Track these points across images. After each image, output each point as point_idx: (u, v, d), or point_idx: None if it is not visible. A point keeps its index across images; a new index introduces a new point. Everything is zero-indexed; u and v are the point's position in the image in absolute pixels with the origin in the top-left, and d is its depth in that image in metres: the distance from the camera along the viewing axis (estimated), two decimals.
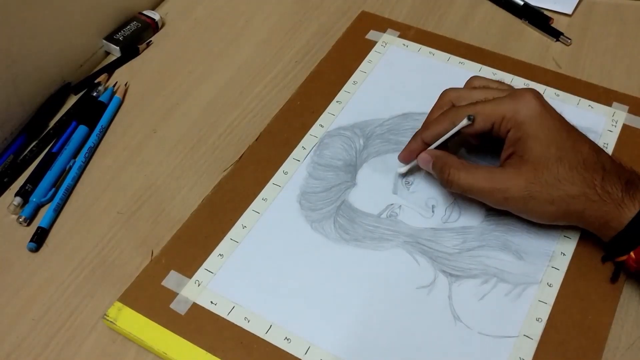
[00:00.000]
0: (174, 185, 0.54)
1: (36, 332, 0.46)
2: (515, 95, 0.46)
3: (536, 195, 0.44)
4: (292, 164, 0.54)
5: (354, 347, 0.44)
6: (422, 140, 0.49)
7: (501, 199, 0.45)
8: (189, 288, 0.47)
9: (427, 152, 0.49)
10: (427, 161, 0.49)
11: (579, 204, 0.44)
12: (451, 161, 0.47)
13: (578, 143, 0.45)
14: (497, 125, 0.46)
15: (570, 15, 0.66)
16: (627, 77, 0.60)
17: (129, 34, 0.66)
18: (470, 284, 0.46)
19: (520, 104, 0.45)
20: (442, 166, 0.47)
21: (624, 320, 0.45)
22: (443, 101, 0.50)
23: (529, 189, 0.44)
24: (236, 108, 0.60)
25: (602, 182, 0.43)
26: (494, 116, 0.46)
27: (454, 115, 0.47)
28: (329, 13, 0.68)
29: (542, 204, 0.44)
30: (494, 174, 0.46)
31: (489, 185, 0.45)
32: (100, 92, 0.61)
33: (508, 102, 0.46)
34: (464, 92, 0.50)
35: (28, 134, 0.58)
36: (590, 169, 0.44)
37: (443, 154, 0.48)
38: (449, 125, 0.47)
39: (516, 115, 0.45)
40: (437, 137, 0.48)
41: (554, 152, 0.44)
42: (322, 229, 0.50)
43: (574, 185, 0.43)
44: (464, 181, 0.46)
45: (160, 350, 0.44)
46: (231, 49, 0.66)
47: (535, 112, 0.45)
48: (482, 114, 0.46)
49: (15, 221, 0.52)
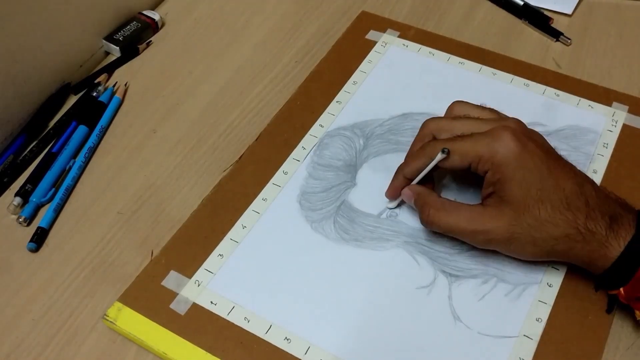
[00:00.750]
0: (174, 185, 0.54)
1: (36, 332, 0.46)
2: (493, 134, 0.44)
3: (518, 237, 0.43)
4: (292, 164, 0.54)
5: (354, 347, 0.44)
6: (404, 177, 0.48)
7: (483, 240, 0.44)
8: (188, 288, 0.47)
9: (409, 188, 0.48)
10: (409, 197, 0.48)
11: (563, 244, 0.42)
12: (431, 200, 0.46)
13: (560, 180, 0.43)
14: (474, 164, 0.44)
15: (570, 15, 0.66)
16: (627, 77, 0.60)
17: (129, 34, 0.66)
18: (470, 284, 0.46)
19: (497, 144, 0.43)
20: (423, 205, 0.46)
21: (624, 320, 0.45)
22: (424, 132, 0.49)
23: (511, 231, 0.43)
24: (236, 108, 0.60)
25: (586, 221, 0.42)
26: (470, 156, 0.44)
27: (431, 150, 0.46)
28: (329, 13, 0.68)
29: (525, 245, 0.43)
30: (474, 214, 0.44)
31: (470, 228, 0.44)
32: (100, 92, 0.61)
33: (485, 141, 0.44)
34: (445, 122, 0.48)
35: (28, 134, 0.58)
36: (573, 208, 0.42)
37: (423, 192, 0.47)
38: (427, 159, 0.46)
39: (493, 157, 0.43)
40: (417, 172, 0.47)
41: (534, 194, 0.42)
42: (322, 229, 0.50)
43: (557, 227, 0.42)
44: (444, 222, 0.45)
45: (160, 350, 0.44)
46: (231, 49, 0.66)
47: (513, 154, 0.43)
48: (459, 152, 0.45)
49: (15, 221, 0.52)
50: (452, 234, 0.46)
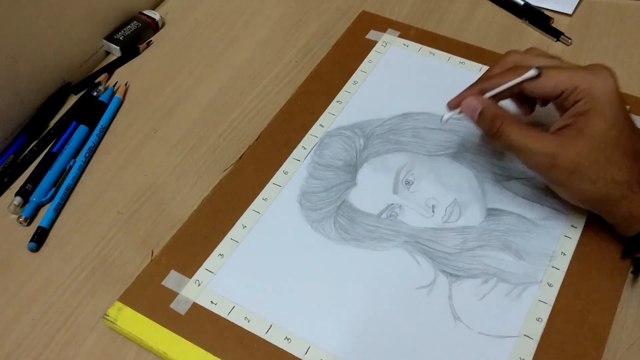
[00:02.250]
0: (174, 185, 0.54)
1: (36, 332, 0.46)
2: (592, 68, 0.44)
3: (582, 170, 0.43)
4: (293, 164, 0.54)
5: (354, 347, 0.44)
6: (480, 90, 0.47)
7: (547, 164, 0.44)
8: (189, 288, 0.47)
9: (477, 99, 0.46)
10: (474, 108, 0.46)
11: (619, 190, 0.43)
12: (504, 113, 0.45)
13: (635, 134, 0.44)
14: (567, 93, 0.44)
15: (570, 15, 0.66)
16: (627, 77, 0.60)
17: (129, 33, 0.66)
18: (470, 284, 0.46)
19: (597, 78, 0.44)
20: (494, 117, 0.45)
21: (624, 320, 0.45)
22: (506, 61, 0.48)
23: (578, 162, 0.43)
24: (236, 108, 0.60)
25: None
26: (567, 83, 0.44)
27: (523, 70, 0.45)
28: (329, 13, 0.68)
29: (585, 181, 0.43)
30: (546, 137, 0.44)
31: (539, 148, 0.44)
32: (101, 92, 0.61)
33: (585, 74, 0.44)
34: (530, 56, 0.48)
35: (28, 133, 0.58)
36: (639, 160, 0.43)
37: (494, 104, 0.46)
38: (514, 78, 0.45)
39: (591, 88, 0.43)
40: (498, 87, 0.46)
41: (614, 134, 0.43)
42: (322, 228, 0.50)
43: (621, 171, 0.43)
44: (514, 136, 0.44)
45: (160, 350, 0.44)
46: (231, 49, 0.66)
47: (610, 90, 0.43)
48: (555, 78, 0.44)
49: (15, 221, 0.52)
50: (517, 151, 0.45)
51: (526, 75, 0.44)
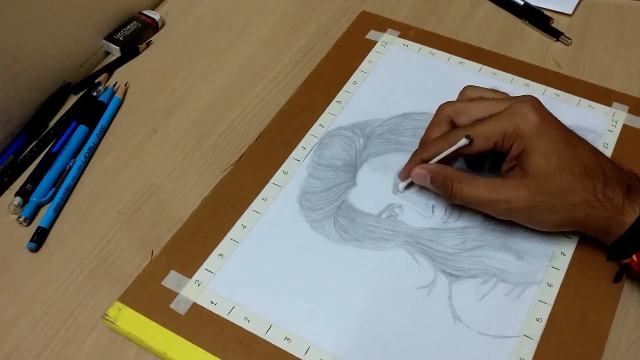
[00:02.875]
0: (174, 185, 0.54)
1: (36, 332, 0.46)
2: (512, 110, 0.46)
3: (539, 205, 0.44)
4: (292, 164, 0.54)
5: (354, 347, 0.44)
6: (422, 160, 0.49)
7: (505, 209, 0.45)
8: (189, 288, 0.47)
9: (422, 167, 0.49)
10: (423, 176, 0.48)
11: (582, 211, 0.44)
12: (451, 174, 0.47)
13: (578, 150, 0.45)
14: (499, 143, 0.46)
15: (570, 15, 0.66)
16: (627, 77, 0.60)
17: (129, 33, 0.66)
18: (470, 284, 0.46)
19: (519, 118, 0.45)
20: (444, 180, 0.47)
21: (624, 320, 0.45)
22: (440, 117, 0.50)
23: (532, 200, 0.44)
24: (236, 108, 0.60)
25: (604, 188, 0.43)
26: (495, 136, 0.46)
27: (454, 138, 0.47)
28: (329, 13, 0.68)
29: (546, 213, 0.45)
30: (496, 185, 0.46)
31: (492, 197, 0.45)
32: (100, 92, 0.61)
33: (506, 117, 0.45)
34: (461, 105, 0.49)
35: (28, 133, 0.58)
36: (591, 176, 0.44)
37: (441, 167, 0.48)
38: (448, 146, 0.47)
39: (517, 130, 0.45)
40: (436, 156, 0.48)
41: (555, 162, 0.44)
42: (322, 229, 0.50)
43: (577, 193, 0.43)
44: (467, 192, 0.46)
45: (160, 350, 0.44)
46: (231, 49, 0.66)
47: (534, 125, 0.44)
48: (483, 136, 0.46)
49: (15, 221, 0.52)
50: (474, 204, 0.47)
51: (459, 144, 0.46)
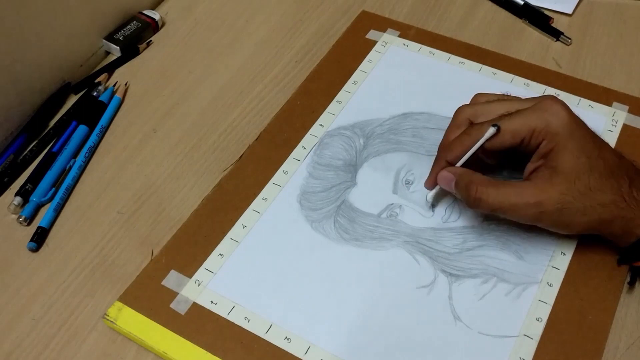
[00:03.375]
0: (174, 185, 0.54)
1: (36, 331, 0.46)
2: (542, 107, 0.45)
3: (569, 207, 0.43)
4: (292, 164, 0.54)
5: (354, 347, 0.44)
6: (447, 162, 0.47)
7: (535, 213, 0.43)
8: (189, 288, 0.47)
9: (448, 170, 0.47)
10: (449, 180, 0.47)
11: (609, 212, 0.43)
12: (476, 178, 0.45)
13: (603, 151, 0.44)
14: (527, 139, 0.45)
15: (570, 15, 0.66)
16: (627, 77, 0.60)
17: (129, 33, 0.66)
18: (470, 283, 0.46)
19: (549, 115, 0.44)
20: (468, 184, 0.45)
21: (624, 320, 0.45)
22: (459, 119, 0.48)
23: (562, 201, 0.43)
24: (236, 108, 0.60)
25: (630, 189, 0.43)
26: (523, 130, 0.44)
27: (477, 131, 0.45)
28: (329, 13, 0.68)
29: (575, 214, 0.43)
30: (523, 188, 0.44)
31: (521, 201, 0.43)
32: (101, 92, 0.61)
33: (536, 114, 0.44)
34: (480, 107, 0.48)
35: (28, 133, 0.58)
36: (616, 176, 0.43)
37: (466, 171, 0.46)
38: (472, 141, 0.46)
39: (547, 127, 0.44)
40: (462, 156, 0.47)
41: (584, 162, 0.43)
42: (322, 228, 0.50)
43: (605, 193, 0.43)
44: (493, 199, 0.44)
45: (160, 349, 0.44)
46: (231, 48, 0.66)
47: (566, 122, 0.44)
48: (510, 129, 0.45)
49: (15, 221, 0.52)
50: (502, 211, 0.44)
51: (487, 135, 0.45)
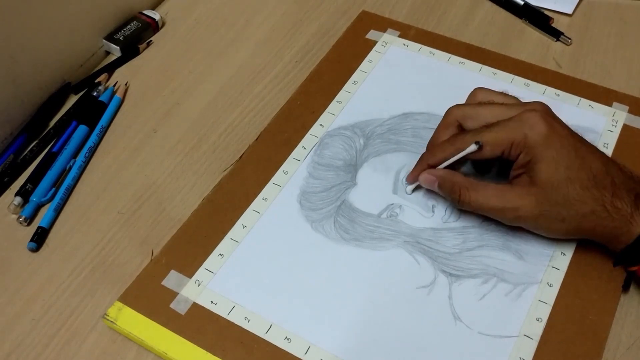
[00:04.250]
0: (174, 185, 0.54)
1: (36, 331, 0.46)
2: (521, 119, 0.45)
3: (546, 214, 0.44)
4: (293, 164, 0.54)
5: (354, 347, 0.44)
6: (428, 165, 0.49)
7: (513, 217, 0.46)
8: (189, 288, 0.47)
9: (430, 172, 0.49)
10: (431, 181, 0.49)
11: (590, 222, 0.44)
12: (460, 180, 0.47)
13: (587, 159, 0.44)
14: (506, 151, 0.46)
15: (570, 15, 0.66)
16: (627, 77, 0.60)
17: (129, 33, 0.66)
18: (470, 283, 0.46)
19: (527, 127, 0.45)
20: (452, 186, 0.47)
21: (624, 320, 0.45)
22: (448, 120, 0.49)
23: (539, 208, 0.44)
24: (236, 108, 0.60)
25: (612, 199, 0.43)
26: (502, 144, 0.45)
27: (461, 143, 0.47)
28: (329, 13, 0.68)
29: (553, 222, 0.45)
30: (504, 192, 0.46)
31: (500, 205, 0.45)
32: (101, 92, 0.61)
33: (515, 126, 0.45)
34: (470, 109, 0.49)
35: (28, 133, 0.58)
36: (600, 186, 0.43)
37: (449, 174, 0.48)
38: (455, 152, 0.47)
39: (525, 139, 0.45)
40: (443, 162, 0.48)
41: (563, 173, 0.44)
42: (322, 228, 0.50)
43: (585, 204, 0.43)
44: (474, 200, 0.46)
45: (160, 350, 0.44)
46: (231, 49, 0.66)
47: (542, 135, 0.44)
48: (491, 143, 0.46)
49: (15, 221, 0.52)
50: (483, 211, 0.47)
51: (468, 150, 0.46)
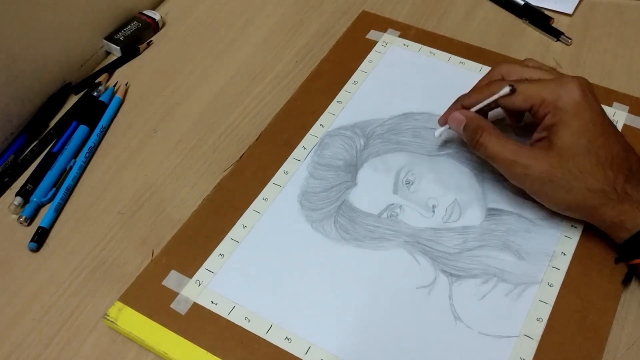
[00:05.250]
0: (174, 185, 0.54)
1: (37, 332, 0.46)
2: (560, 81, 0.46)
3: (555, 180, 0.44)
4: (293, 164, 0.54)
5: (355, 347, 0.44)
6: (462, 106, 0.50)
7: (521, 174, 0.46)
8: (189, 288, 0.47)
9: (461, 112, 0.49)
10: (459, 121, 0.49)
11: (595, 199, 0.44)
12: (485, 125, 0.47)
13: (610, 140, 0.45)
14: (535, 107, 0.46)
15: (570, 15, 0.66)
16: (627, 77, 0.60)
17: (129, 33, 0.66)
18: (470, 283, 0.46)
19: (562, 90, 0.45)
20: (476, 128, 0.47)
21: (624, 320, 0.45)
22: (493, 72, 0.51)
23: (550, 173, 0.44)
24: (236, 108, 0.60)
25: (624, 183, 0.43)
26: (534, 98, 0.46)
27: (496, 86, 0.48)
28: (329, 13, 0.68)
29: (559, 190, 0.45)
30: (521, 148, 0.46)
31: (513, 158, 0.46)
32: (101, 92, 0.61)
33: (552, 86, 0.46)
34: (516, 67, 0.50)
35: (29, 134, 0.58)
36: (615, 168, 0.44)
37: (477, 117, 0.48)
38: (489, 95, 0.48)
39: (556, 101, 0.45)
40: (477, 103, 0.49)
41: (583, 144, 0.44)
42: (322, 228, 0.50)
43: (596, 180, 0.44)
44: (492, 147, 0.46)
45: (160, 350, 0.44)
46: (231, 49, 0.66)
47: (574, 101, 0.45)
48: (524, 93, 0.46)
49: (15, 221, 0.52)
50: (494, 161, 0.47)
51: (500, 93, 0.47)
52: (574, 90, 0.45)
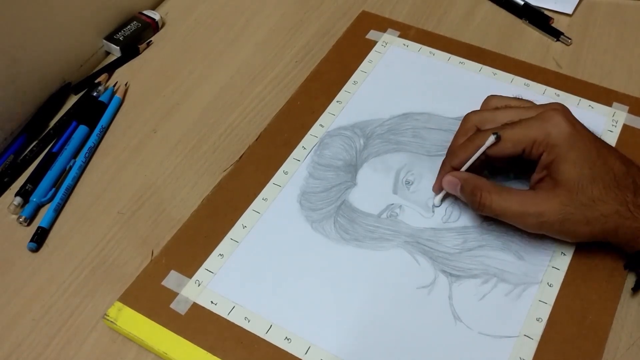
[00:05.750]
0: (174, 185, 0.54)
1: (36, 332, 0.46)
2: (544, 117, 0.45)
3: (571, 218, 0.44)
4: (293, 164, 0.54)
5: (355, 347, 0.44)
6: (451, 168, 0.48)
7: (536, 223, 0.45)
8: (189, 288, 0.47)
9: (453, 175, 0.48)
10: (454, 184, 0.48)
11: (612, 222, 0.43)
12: (481, 184, 0.46)
13: (609, 160, 0.44)
14: (527, 149, 0.45)
15: (570, 15, 0.66)
16: (627, 77, 0.60)
17: (129, 33, 0.66)
18: (470, 284, 0.46)
19: (549, 125, 0.44)
20: (473, 189, 0.46)
21: (624, 320, 0.45)
22: (467, 126, 0.49)
23: (564, 212, 0.43)
24: (236, 108, 0.60)
25: (634, 199, 0.43)
26: (524, 141, 0.45)
27: (480, 139, 0.46)
28: (329, 13, 0.68)
29: (577, 225, 0.44)
30: (526, 197, 0.45)
31: (522, 209, 0.44)
32: (101, 92, 0.61)
33: (537, 124, 0.45)
34: (487, 114, 0.49)
35: (28, 133, 0.58)
36: (621, 186, 0.43)
37: (471, 177, 0.47)
38: (476, 149, 0.46)
39: (547, 138, 0.44)
40: (465, 162, 0.47)
41: (587, 173, 0.43)
42: (322, 229, 0.50)
43: (607, 204, 0.43)
44: (496, 205, 0.45)
45: (160, 350, 0.44)
46: (231, 49, 0.66)
47: (565, 134, 0.44)
48: (511, 139, 0.45)
49: (15, 221, 0.52)
50: (504, 217, 0.46)
51: (486, 144, 0.46)
52: (560, 123, 0.44)
